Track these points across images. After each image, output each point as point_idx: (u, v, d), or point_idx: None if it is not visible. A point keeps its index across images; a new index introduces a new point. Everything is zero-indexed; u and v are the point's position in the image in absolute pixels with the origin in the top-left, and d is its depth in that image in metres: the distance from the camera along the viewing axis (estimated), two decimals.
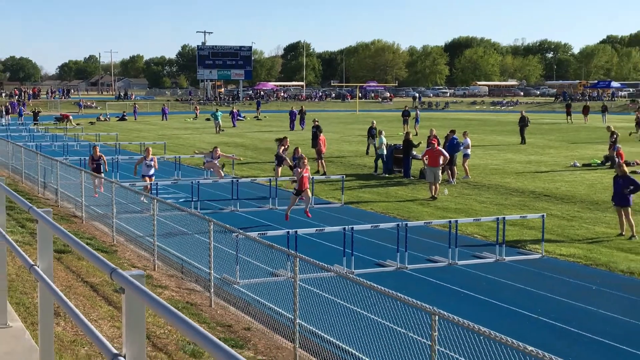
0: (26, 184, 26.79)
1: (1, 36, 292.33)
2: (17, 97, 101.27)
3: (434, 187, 24.54)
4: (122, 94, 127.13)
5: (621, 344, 11.14)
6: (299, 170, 20.19)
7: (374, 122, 39.19)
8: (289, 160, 27.05)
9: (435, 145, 25.71)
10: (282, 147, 27.62)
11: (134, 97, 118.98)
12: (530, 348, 7.43)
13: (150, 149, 25.32)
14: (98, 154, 24.69)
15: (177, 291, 13.63)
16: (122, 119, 78.11)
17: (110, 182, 19.51)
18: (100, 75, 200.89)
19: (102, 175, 23.26)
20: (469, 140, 30.12)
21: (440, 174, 25.06)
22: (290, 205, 20.43)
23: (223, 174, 26.56)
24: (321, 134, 34.02)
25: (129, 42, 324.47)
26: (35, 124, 63.82)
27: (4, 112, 72.97)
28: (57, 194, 22.99)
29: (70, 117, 69.61)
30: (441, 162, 25.10)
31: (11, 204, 13.26)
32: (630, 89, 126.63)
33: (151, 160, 23.86)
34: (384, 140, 31.09)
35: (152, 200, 16.30)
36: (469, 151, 29.89)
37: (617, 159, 32.22)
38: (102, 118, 78.32)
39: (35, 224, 5.53)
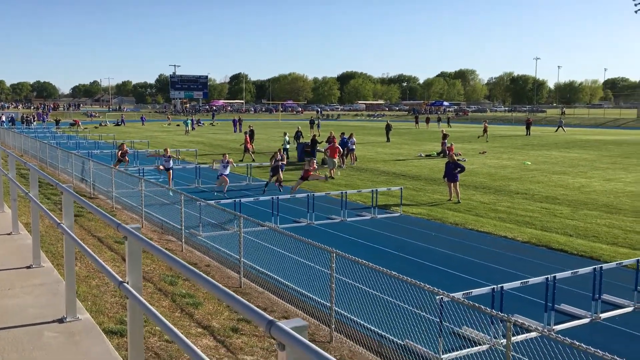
0: (49, 169, 25.62)
1: (31, 65, 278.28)
2: (41, 108, 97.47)
3: (332, 170, 24.73)
4: (117, 107, 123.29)
5: (453, 270, 11.46)
6: (307, 169, 19.15)
7: (299, 127, 39.98)
8: (280, 175, 21.18)
9: (335, 142, 25.96)
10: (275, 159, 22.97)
11: (125, 109, 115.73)
12: (394, 273, 7.59)
13: (168, 148, 23.03)
14: (125, 148, 23.80)
15: (159, 241, 13.30)
16: (117, 124, 75.74)
17: (111, 168, 18.91)
18: (101, 94, 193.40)
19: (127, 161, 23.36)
20: (354, 139, 30.39)
21: (336, 162, 25.29)
22: (296, 186, 19.32)
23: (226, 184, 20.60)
24: (247, 135, 33.54)
25: (122, 71, 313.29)
26: (57, 128, 62.50)
27: (33, 120, 70.82)
28: (72, 176, 22.08)
29: (79, 122, 67.73)
30: (337, 154, 25.45)
31: (41, 181, 12.69)
32: (455, 107, 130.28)
33: (169, 157, 21.72)
34: (287, 138, 31.56)
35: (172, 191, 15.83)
36: (354, 146, 30.18)
37: (447, 151, 33.19)
38: (103, 124, 75.79)
39: (60, 195, 5.34)
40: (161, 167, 21.96)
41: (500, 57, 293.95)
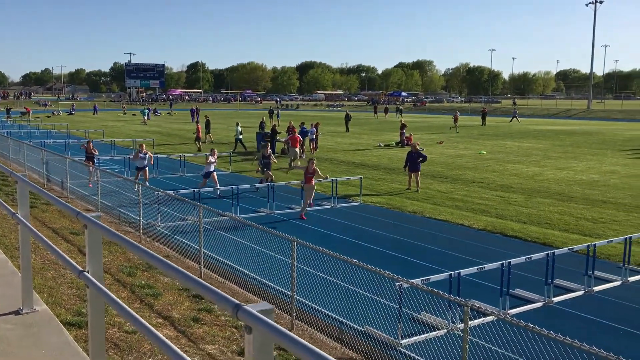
0: (0, 159, 24.77)
1: None
2: None
3: (297, 161, 24.78)
4: (70, 96, 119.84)
5: (412, 258, 11.64)
6: (307, 170, 15.16)
7: (264, 117, 39.96)
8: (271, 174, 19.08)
9: (295, 132, 25.94)
10: (266, 150, 20.06)
11: (79, 98, 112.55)
12: (354, 261, 7.68)
13: (144, 144, 19.38)
14: (91, 148, 19.52)
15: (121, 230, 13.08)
16: (70, 113, 73.61)
17: (65, 158, 18.41)
18: (53, 82, 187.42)
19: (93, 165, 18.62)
20: (314, 129, 30.43)
21: (297, 151, 25.28)
22: (307, 200, 15.20)
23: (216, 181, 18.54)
24: (198, 124, 32.96)
25: (75, 59, 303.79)
26: (8, 117, 60.33)
27: None
28: (24, 167, 21.42)
29: (31, 111, 65.73)
30: (298, 144, 25.42)
31: None
32: (413, 97, 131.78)
33: (145, 153, 18.62)
34: (240, 129, 31.32)
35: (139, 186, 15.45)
36: (315, 136, 30.23)
37: (406, 141, 33.60)
38: (55, 113, 73.48)
39: (12, 186, 5.18)
40: (146, 171, 18.84)
41: (457, 49, 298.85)
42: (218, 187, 17.75)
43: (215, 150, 18.92)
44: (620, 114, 75.59)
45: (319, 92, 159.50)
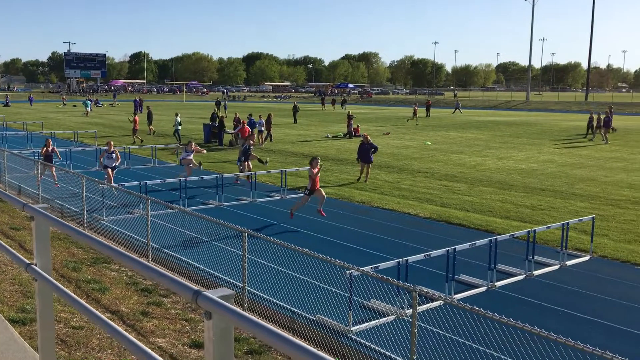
0: None
1: None
2: None
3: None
4: (5, 87, 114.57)
5: (361, 247, 11.80)
6: (313, 170, 13.56)
7: (215, 109, 39.49)
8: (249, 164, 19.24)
9: (244, 124, 25.73)
10: (249, 143, 19.85)
11: (15, 89, 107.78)
12: (306, 250, 7.72)
13: (112, 142, 17.76)
14: (51, 147, 17.57)
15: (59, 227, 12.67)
16: (6, 104, 70.43)
17: (12, 153, 17.67)
18: None
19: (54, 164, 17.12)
20: (262, 121, 30.29)
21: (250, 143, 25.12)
22: (299, 204, 13.94)
23: (194, 167, 17.95)
24: (136, 116, 32.18)
25: (10, 47, 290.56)
26: None
27: None
28: None
29: None
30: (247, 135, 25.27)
31: None
32: (359, 89, 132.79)
33: (112, 152, 17.07)
34: (179, 119, 30.85)
35: (114, 190, 14.90)
36: (263, 128, 30.10)
37: (353, 132, 33.90)
38: None
39: None
40: (109, 171, 17.06)
41: (402, 41, 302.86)
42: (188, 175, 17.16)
43: (193, 142, 18.80)
44: (557, 105, 78.55)
45: (266, 83, 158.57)
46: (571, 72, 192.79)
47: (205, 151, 23.61)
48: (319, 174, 13.73)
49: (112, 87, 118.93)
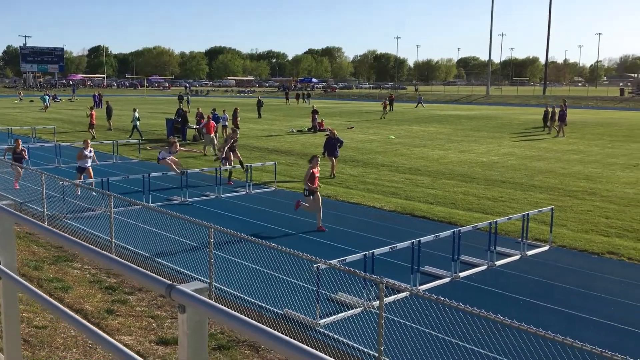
0: None
1: None
2: None
3: (208, 147, 24.44)
4: None
5: (327, 240, 11.85)
6: (312, 170, 12.50)
7: (180, 104, 38.66)
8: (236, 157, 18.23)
9: (209, 118, 25.47)
10: (235, 134, 19.18)
11: None
12: (273, 245, 7.72)
13: (89, 140, 16.68)
14: (20, 147, 16.66)
15: (17, 225, 12.35)
16: None
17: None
18: None
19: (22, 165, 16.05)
20: (227, 116, 30.07)
21: (213, 138, 24.89)
22: (318, 210, 12.62)
23: (179, 170, 16.54)
24: (92, 110, 31.35)
25: None
26: None
27: None
28: None
29: None
30: (213, 130, 25.05)
31: None
32: (323, 83, 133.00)
33: (90, 151, 15.85)
34: (137, 115, 30.34)
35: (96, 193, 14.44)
36: (227, 122, 29.87)
37: (318, 127, 33.95)
38: None
39: None
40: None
41: (365, 36, 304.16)
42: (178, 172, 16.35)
43: (177, 143, 17.74)
44: (516, 99, 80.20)
45: (229, 78, 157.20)
46: (529, 66, 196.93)
47: (197, 151, 22.99)
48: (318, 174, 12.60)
49: (71, 82, 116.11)
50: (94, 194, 14.14)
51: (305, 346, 1.42)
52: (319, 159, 12.74)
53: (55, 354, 5.46)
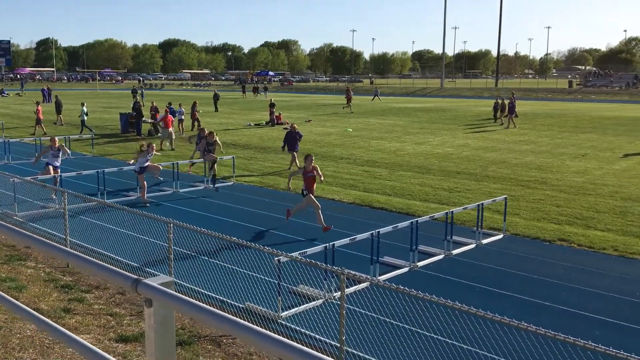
0: None
1: None
2: None
3: (164, 141, 24.10)
4: None
5: (288, 234, 11.87)
6: (306, 168, 11.83)
7: (138, 98, 37.82)
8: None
9: (167, 112, 25.07)
10: (212, 136, 17.28)
11: None
12: (234, 239, 7.69)
13: (56, 137, 15.58)
14: None
15: None
16: None
17: None
18: None
19: None
20: (183, 109, 29.64)
21: (171, 132, 24.51)
22: (317, 208, 11.78)
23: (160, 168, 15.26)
24: (38, 105, 30.29)
25: None
26: None
27: None
28: None
29: None
30: (171, 124, 24.66)
31: None
32: (280, 77, 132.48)
33: (59, 149, 14.95)
34: (85, 109, 29.67)
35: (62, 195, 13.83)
36: (183, 116, 29.45)
37: (275, 120, 33.86)
38: None
39: None
40: (51, 169, 14.75)
41: (321, 29, 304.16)
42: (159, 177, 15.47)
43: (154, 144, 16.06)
44: (469, 91, 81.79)
45: (184, 71, 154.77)
46: (482, 59, 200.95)
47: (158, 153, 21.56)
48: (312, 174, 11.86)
49: (19, 76, 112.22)
50: (53, 196, 13.42)
51: (275, 335, 1.45)
52: (313, 158, 12.02)
53: (11, 355, 5.31)
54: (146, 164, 14.50)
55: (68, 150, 15.91)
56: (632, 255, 10.60)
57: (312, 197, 11.77)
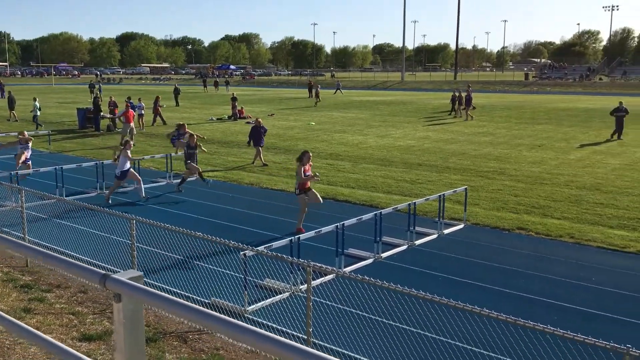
0: None
1: None
2: None
3: (125, 137, 23.63)
4: None
5: (253, 228, 11.82)
6: (303, 167, 11.26)
7: (98, 93, 37.08)
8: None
9: (129, 108, 24.58)
10: (192, 139, 15.40)
11: None
12: (199, 234, 7.63)
13: (26, 132, 15.45)
14: None
15: None
16: None
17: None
18: None
19: None
20: (143, 104, 29.09)
21: (132, 127, 24.04)
22: (303, 211, 11.51)
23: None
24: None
25: None
26: None
27: None
28: None
29: None
30: (132, 119, 24.22)
31: None
32: (242, 70, 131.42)
33: (27, 141, 14.93)
34: (38, 104, 28.98)
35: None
36: (143, 111, 28.92)
37: (238, 114, 33.61)
38: None
39: None
40: (22, 158, 14.92)
41: (282, 22, 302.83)
42: (142, 187, 14.09)
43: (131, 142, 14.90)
44: (429, 84, 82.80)
45: (143, 65, 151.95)
46: (441, 52, 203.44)
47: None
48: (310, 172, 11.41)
49: None
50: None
51: (245, 324, 1.46)
52: (310, 155, 11.57)
53: None
54: (127, 167, 13.77)
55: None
56: (587, 242, 10.97)
57: (305, 197, 11.35)
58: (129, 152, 14.00)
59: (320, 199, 11.67)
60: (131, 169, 14.11)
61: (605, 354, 5.23)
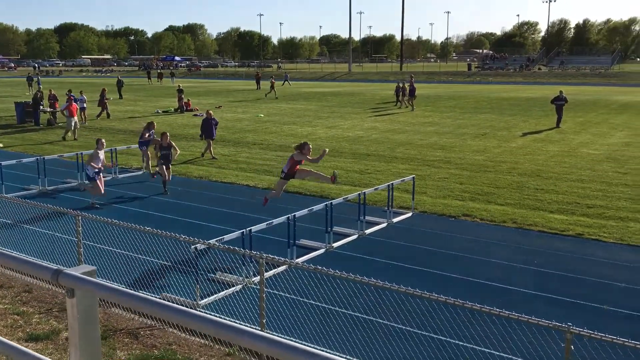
0: None
1: None
2: None
3: (71, 131, 22.91)
4: None
5: (203, 221, 11.72)
6: (306, 157, 10.95)
7: (41, 87, 35.68)
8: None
9: (72, 101, 23.77)
10: (165, 138, 14.48)
11: None
12: (148, 228, 7.51)
13: None
14: None
15: None
16: None
17: None
18: None
19: None
20: (84, 97, 28.22)
21: (75, 121, 23.27)
22: (274, 194, 11.23)
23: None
24: None
25: None
26: None
27: None
28: None
29: None
30: (76, 113, 23.48)
31: None
32: (187, 62, 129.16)
33: None
34: None
35: None
36: (85, 105, 28.04)
37: (184, 107, 33.10)
38: None
39: None
40: None
41: (227, 12, 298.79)
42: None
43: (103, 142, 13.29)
44: (376, 75, 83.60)
45: (83, 56, 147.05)
46: (387, 44, 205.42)
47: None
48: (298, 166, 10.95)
49: None
50: None
51: (199, 312, 1.47)
52: (311, 148, 11.12)
53: None
54: (100, 167, 12.65)
55: None
56: (529, 226, 11.40)
57: (284, 182, 11.01)
58: (99, 152, 12.85)
59: (322, 174, 11.34)
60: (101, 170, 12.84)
61: (548, 332, 5.48)
